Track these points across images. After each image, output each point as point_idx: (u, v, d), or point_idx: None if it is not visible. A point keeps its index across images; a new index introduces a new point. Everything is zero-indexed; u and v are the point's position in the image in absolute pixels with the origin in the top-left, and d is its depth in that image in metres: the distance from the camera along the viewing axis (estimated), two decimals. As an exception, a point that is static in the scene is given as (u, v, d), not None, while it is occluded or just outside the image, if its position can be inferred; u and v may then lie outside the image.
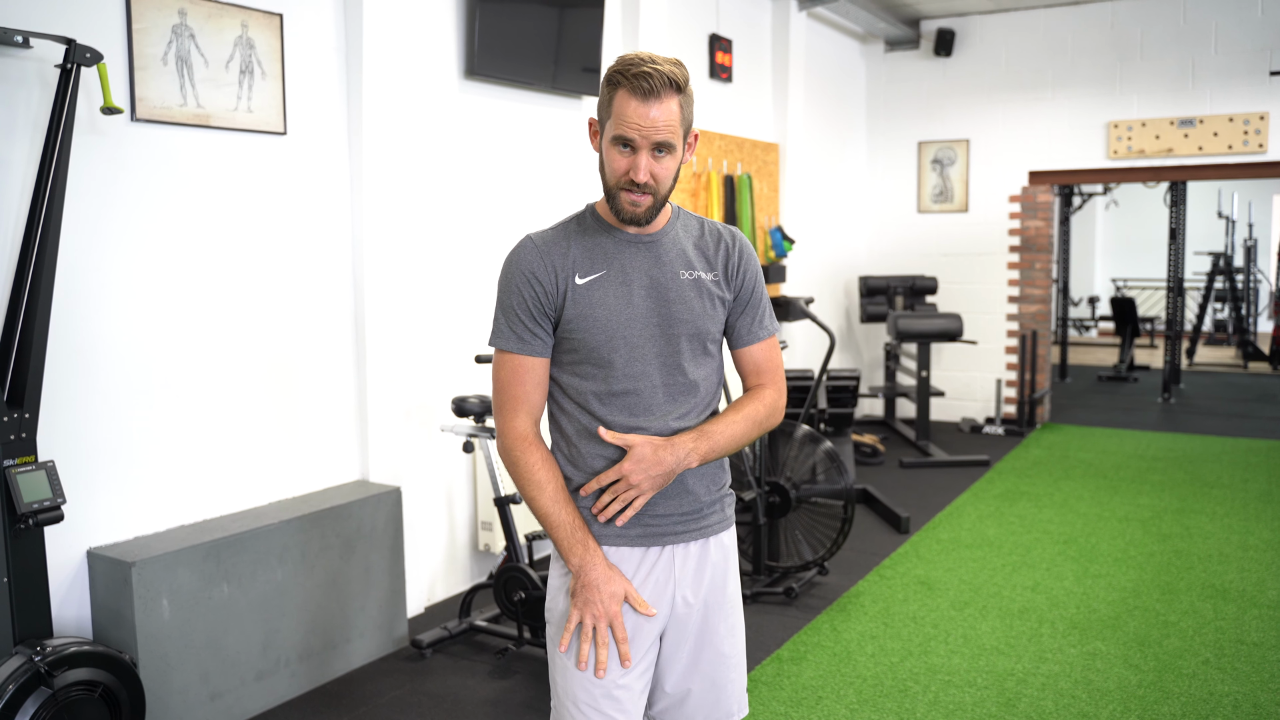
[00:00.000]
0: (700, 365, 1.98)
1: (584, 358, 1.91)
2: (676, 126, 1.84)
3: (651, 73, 1.79)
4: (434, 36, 4.46)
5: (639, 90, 1.80)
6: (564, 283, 1.90)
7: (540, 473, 1.92)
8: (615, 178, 1.86)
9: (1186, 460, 7.20)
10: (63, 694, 2.80)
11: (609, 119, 1.85)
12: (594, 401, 1.92)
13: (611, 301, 1.90)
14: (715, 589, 2.02)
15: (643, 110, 1.80)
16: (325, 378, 4.04)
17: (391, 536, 3.97)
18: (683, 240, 1.99)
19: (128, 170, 3.30)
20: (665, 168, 1.86)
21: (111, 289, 3.28)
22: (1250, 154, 7.63)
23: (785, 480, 4.60)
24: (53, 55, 3.01)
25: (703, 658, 2.01)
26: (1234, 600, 4.42)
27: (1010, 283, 8.60)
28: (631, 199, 1.86)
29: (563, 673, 1.94)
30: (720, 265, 2.00)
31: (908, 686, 3.65)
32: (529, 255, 1.91)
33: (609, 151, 1.86)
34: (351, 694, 3.65)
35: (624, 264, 1.93)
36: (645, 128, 1.81)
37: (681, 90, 1.84)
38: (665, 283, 1.93)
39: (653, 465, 1.87)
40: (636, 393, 1.92)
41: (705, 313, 1.96)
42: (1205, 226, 15.04)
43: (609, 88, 1.85)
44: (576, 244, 1.93)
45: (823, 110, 8.28)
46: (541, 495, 1.92)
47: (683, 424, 1.95)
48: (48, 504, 2.86)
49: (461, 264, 4.64)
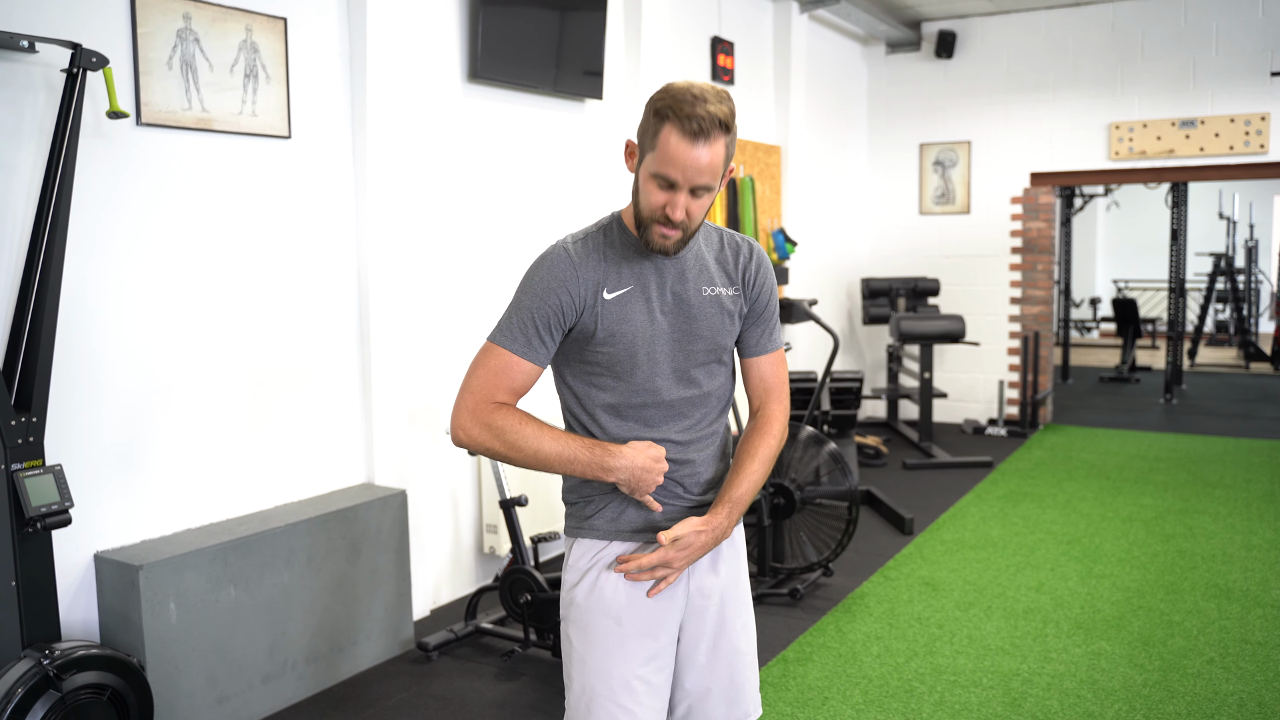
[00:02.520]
0: (715, 376, 2.00)
1: (605, 370, 1.92)
2: (720, 167, 1.80)
3: (704, 115, 1.74)
4: (437, 40, 4.47)
5: (688, 132, 1.74)
6: (592, 297, 1.87)
7: (528, 425, 1.87)
8: (650, 210, 1.83)
9: (1189, 461, 7.20)
10: (71, 697, 2.80)
11: (651, 151, 1.80)
12: (603, 414, 1.93)
13: (636, 317, 1.89)
14: (730, 583, 2.04)
15: (690, 153, 1.75)
16: (330, 381, 4.05)
17: (397, 539, 3.98)
18: (705, 254, 1.98)
19: (133, 174, 3.31)
20: (702, 205, 1.83)
21: (118, 293, 3.29)
22: (1251, 154, 7.64)
23: (790, 482, 4.61)
24: (58, 60, 3.02)
25: (721, 653, 2.02)
26: (1238, 600, 4.42)
27: (1012, 284, 8.61)
28: (664, 232, 1.83)
29: (579, 666, 1.94)
30: (740, 279, 2.00)
31: (913, 687, 3.65)
32: (563, 266, 1.88)
33: (647, 183, 1.82)
34: (358, 697, 3.65)
35: (649, 280, 1.92)
36: (690, 169, 1.76)
37: (729, 130, 1.79)
38: (688, 299, 1.93)
39: (694, 552, 1.90)
40: (652, 405, 1.93)
41: (724, 328, 1.97)
42: (1206, 227, 15.05)
43: (656, 119, 1.78)
44: (606, 258, 1.90)
45: (824, 112, 8.29)
46: (540, 441, 1.86)
47: (694, 434, 1.97)
48: (55, 508, 2.87)
49: (465, 267, 4.65)
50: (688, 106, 1.74)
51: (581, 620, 1.95)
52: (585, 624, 1.95)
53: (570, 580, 1.99)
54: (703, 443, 2.00)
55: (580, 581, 1.96)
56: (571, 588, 1.98)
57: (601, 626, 1.93)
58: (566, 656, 1.99)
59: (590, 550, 1.97)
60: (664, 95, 1.78)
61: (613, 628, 1.92)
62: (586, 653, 1.94)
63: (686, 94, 1.76)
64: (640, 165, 1.85)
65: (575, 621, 1.97)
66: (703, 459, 2.00)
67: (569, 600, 1.99)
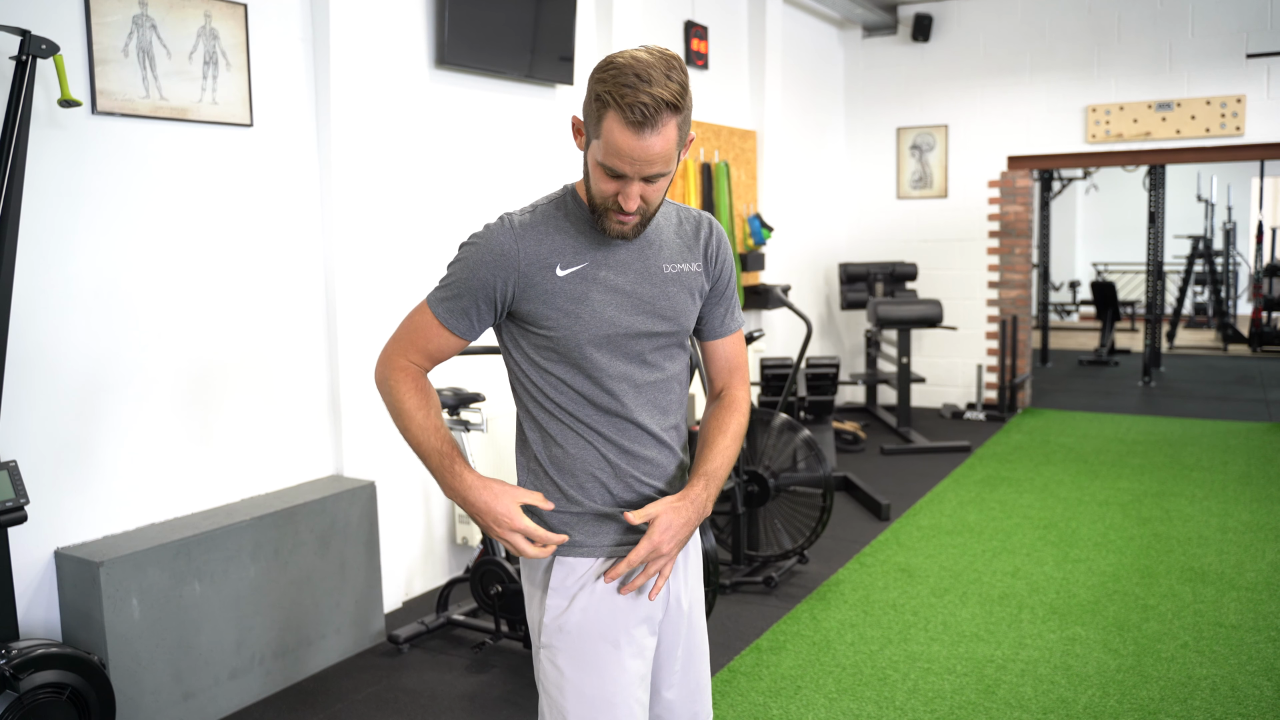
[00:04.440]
0: (676, 360, 1.90)
1: (563, 356, 1.79)
2: (673, 151, 1.66)
3: (648, 101, 1.58)
4: (403, 25, 4.41)
5: (632, 122, 1.59)
6: (537, 273, 1.74)
7: (410, 400, 1.82)
8: (602, 199, 1.71)
9: (1166, 443, 7.21)
10: (29, 697, 2.75)
11: (596, 138, 1.66)
12: (564, 401, 1.81)
13: (595, 296, 1.76)
14: (694, 585, 1.99)
15: (637, 144, 1.61)
16: (297, 372, 3.99)
17: (366, 532, 3.93)
18: (664, 229, 1.86)
19: (89, 164, 3.24)
20: (657, 189, 1.70)
21: (75, 284, 3.22)
22: (1228, 137, 7.63)
23: (764, 469, 4.58)
24: (7, 47, 2.95)
25: (692, 659, 1.97)
26: (1213, 583, 4.42)
27: (990, 268, 8.60)
28: (620, 218, 1.71)
29: (575, 697, 1.80)
30: (701, 255, 1.89)
31: (887, 675, 3.63)
32: (503, 238, 1.75)
33: (595, 171, 1.69)
34: (327, 691, 3.62)
35: (607, 256, 1.79)
36: (638, 161, 1.63)
37: (679, 109, 1.63)
38: (650, 276, 1.82)
39: (679, 529, 1.78)
40: (619, 393, 1.80)
41: (687, 309, 1.87)
42: (1185, 210, 15.11)
43: (598, 105, 1.63)
44: (558, 232, 1.77)
45: (800, 97, 8.25)
46: (410, 422, 1.81)
47: (663, 420, 1.87)
48: (9, 504, 2.82)
49: (434, 255, 4.59)
50: (630, 94, 1.58)
51: (575, 648, 1.81)
52: (580, 651, 1.81)
53: (557, 605, 1.82)
54: (671, 434, 1.89)
55: (570, 606, 1.81)
56: (560, 613, 1.82)
57: (599, 652, 1.80)
58: (554, 686, 1.83)
59: (575, 571, 1.83)
60: (605, 77, 1.62)
61: (610, 652, 1.80)
62: (583, 682, 1.80)
63: (629, 75, 1.59)
64: (587, 149, 1.71)
65: (565, 650, 1.81)
66: (668, 457, 1.89)
67: (556, 627, 1.82)
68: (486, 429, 4.20)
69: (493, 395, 4.58)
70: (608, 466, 1.83)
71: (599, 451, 1.82)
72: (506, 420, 4.66)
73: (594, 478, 1.83)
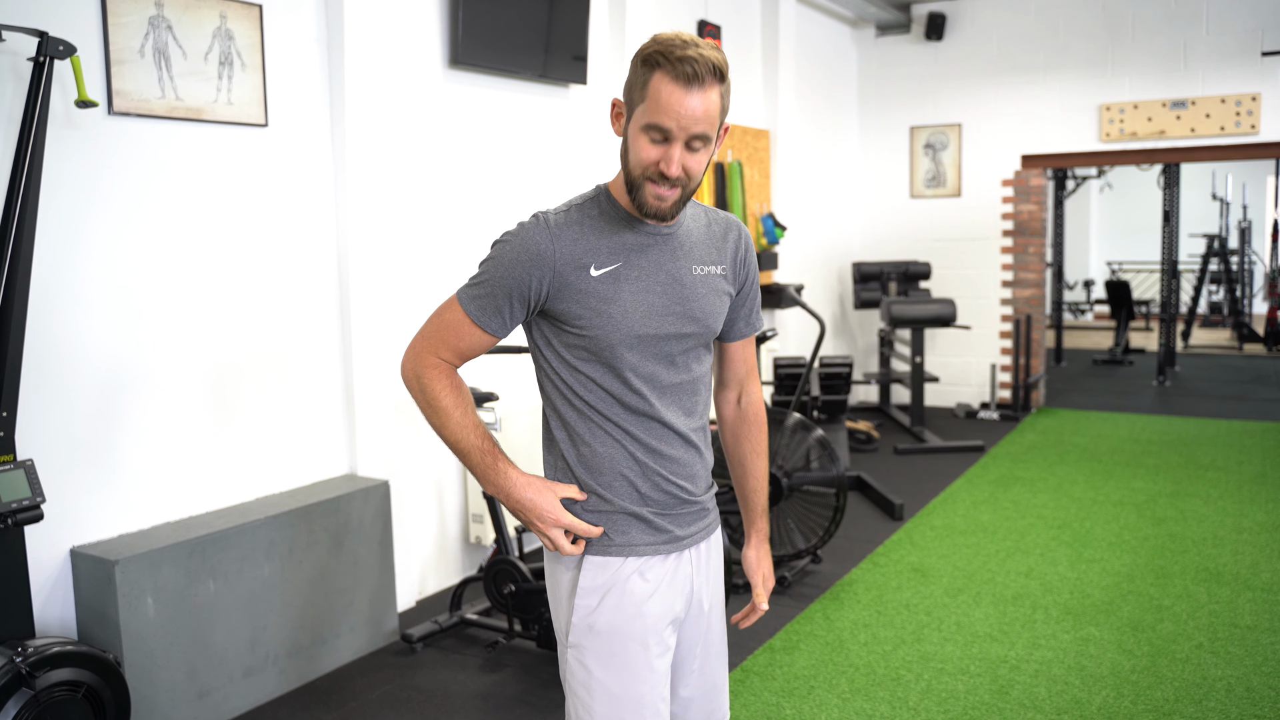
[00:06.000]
0: (703, 361, 1.91)
1: (595, 355, 1.78)
2: (715, 118, 1.69)
3: (697, 58, 1.63)
4: (417, 25, 4.41)
5: (682, 76, 1.64)
6: (572, 273, 1.75)
7: (447, 397, 1.83)
8: (642, 167, 1.70)
9: (1181, 443, 7.18)
10: (45, 695, 2.77)
11: (641, 103, 1.69)
12: (593, 400, 1.81)
13: (627, 297, 1.76)
14: (716, 589, 1.99)
15: (684, 98, 1.64)
16: (312, 371, 4.01)
17: (380, 530, 3.94)
18: (694, 230, 1.87)
19: (106, 164, 3.26)
20: (699, 161, 1.71)
21: (91, 284, 3.24)
22: (1243, 135, 7.59)
23: (777, 469, 4.58)
24: (26, 48, 2.96)
25: (709, 657, 1.98)
26: (1228, 584, 4.40)
27: (1004, 267, 8.57)
28: (658, 192, 1.71)
29: (604, 698, 1.80)
30: (729, 258, 1.91)
31: (900, 675, 3.63)
32: (539, 236, 1.75)
33: (637, 139, 1.70)
34: (341, 690, 3.63)
35: (641, 257, 1.79)
36: (685, 117, 1.65)
37: (724, 79, 1.68)
38: (681, 278, 1.82)
39: (770, 579, 2.11)
40: (647, 393, 1.81)
41: (715, 311, 1.88)
42: (1199, 208, 15.03)
43: (645, 68, 1.68)
44: (592, 231, 1.78)
45: (814, 96, 8.23)
46: (448, 420, 1.82)
47: (690, 421, 1.87)
48: (26, 503, 2.83)
49: (448, 255, 4.60)
50: (679, 50, 1.64)
51: (604, 648, 1.81)
52: (609, 651, 1.80)
53: (586, 605, 1.82)
54: (698, 434, 1.90)
55: (600, 605, 1.81)
56: (589, 612, 1.81)
57: (629, 652, 1.81)
58: (582, 686, 1.83)
59: (606, 570, 1.82)
60: (652, 43, 1.68)
61: (640, 652, 1.81)
62: (613, 682, 1.80)
63: (676, 39, 1.66)
64: (629, 122, 1.73)
65: (594, 649, 1.81)
66: (694, 457, 1.89)
67: (585, 626, 1.82)
68: (500, 428, 4.21)
69: (506, 395, 4.58)
70: (635, 465, 1.83)
71: (627, 450, 1.83)
72: (520, 419, 4.67)
73: (622, 476, 1.83)
